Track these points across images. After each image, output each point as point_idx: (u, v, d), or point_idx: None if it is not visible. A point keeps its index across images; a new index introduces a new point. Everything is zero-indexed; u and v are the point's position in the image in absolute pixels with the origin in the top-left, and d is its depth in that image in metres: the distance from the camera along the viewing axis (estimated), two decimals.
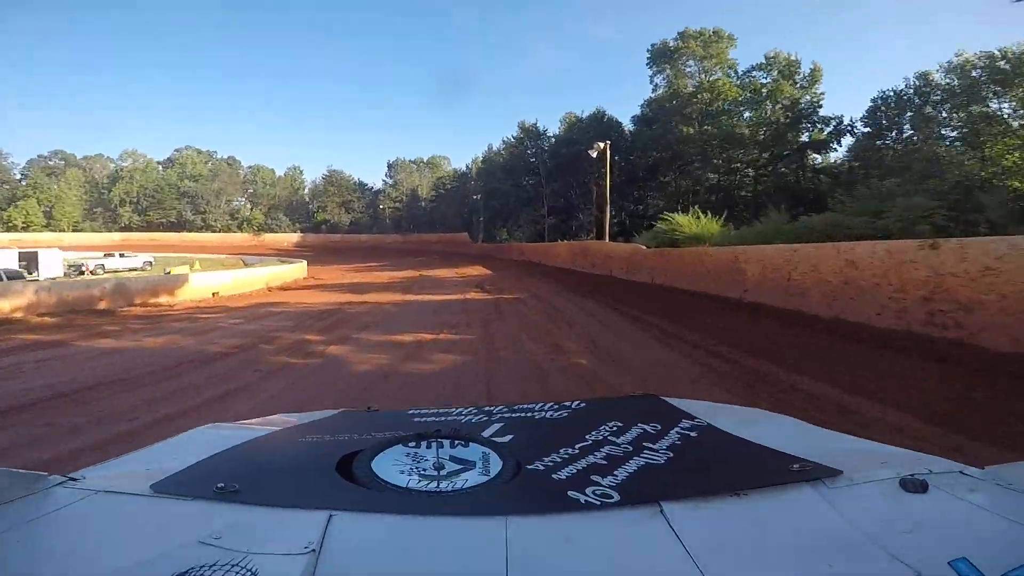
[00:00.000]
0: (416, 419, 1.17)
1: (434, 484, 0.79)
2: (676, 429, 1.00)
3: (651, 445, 0.91)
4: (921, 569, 0.53)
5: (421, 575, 0.57)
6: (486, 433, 1.01)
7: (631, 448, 0.90)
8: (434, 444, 0.94)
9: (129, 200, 64.78)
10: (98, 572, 0.56)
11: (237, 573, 0.53)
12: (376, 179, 78.37)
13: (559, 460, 0.85)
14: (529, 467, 0.83)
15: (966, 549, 0.55)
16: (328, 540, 0.60)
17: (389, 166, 67.78)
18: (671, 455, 0.88)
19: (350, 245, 58.93)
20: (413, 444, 0.94)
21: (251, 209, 68.54)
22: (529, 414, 1.17)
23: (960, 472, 0.75)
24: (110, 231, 62.72)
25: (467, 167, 62.68)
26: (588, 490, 0.73)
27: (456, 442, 0.95)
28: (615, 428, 1.00)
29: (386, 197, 66.73)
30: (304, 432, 1.12)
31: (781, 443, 0.91)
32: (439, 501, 0.74)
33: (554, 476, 0.79)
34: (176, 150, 70.48)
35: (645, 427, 1.00)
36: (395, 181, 66.85)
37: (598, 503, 0.70)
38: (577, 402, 1.26)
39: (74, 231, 61.94)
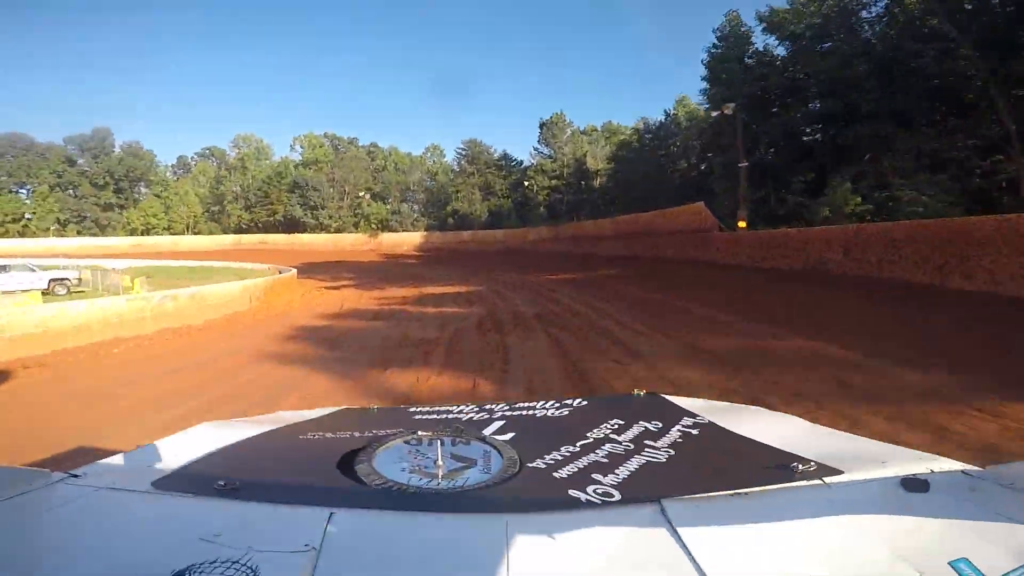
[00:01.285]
0: (417, 417, 1.19)
1: (435, 482, 0.79)
2: (677, 427, 0.99)
3: (652, 443, 0.91)
4: (922, 569, 0.53)
5: (422, 573, 0.57)
6: (487, 431, 1.01)
7: (632, 446, 0.90)
8: (435, 442, 0.92)
9: (241, 195, 54.86)
10: (99, 568, 0.56)
11: (237, 570, 0.53)
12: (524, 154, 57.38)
13: (560, 458, 0.84)
14: (530, 465, 0.83)
15: (967, 549, 0.55)
16: (328, 537, 0.60)
17: (542, 127, 45.36)
18: (672, 453, 0.87)
19: (480, 247, 39.17)
20: (414, 442, 0.94)
21: (372, 203, 53.49)
22: (530, 412, 1.17)
23: (961, 472, 0.74)
24: (225, 232, 53.71)
25: (668, 112, 36.98)
26: (589, 489, 0.73)
27: (457, 440, 0.95)
28: (616, 426, 0.99)
29: (537, 172, 44.41)
30: (305, 430, 1.11)
31: (782, 442, 0.90)
32: (440, 499, 0.74)
33: (555, 474, 0.79)
34: (294, 137, 59.09)
35: (646, 425, 0.99)
36: (551, 150, 44.50)
37: (599, 501, 0.70)
38: (578, 400, 1.27)
39: (194, 234, 54.32)
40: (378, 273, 23.42)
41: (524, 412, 1.17)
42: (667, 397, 1.30)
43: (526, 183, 45.22)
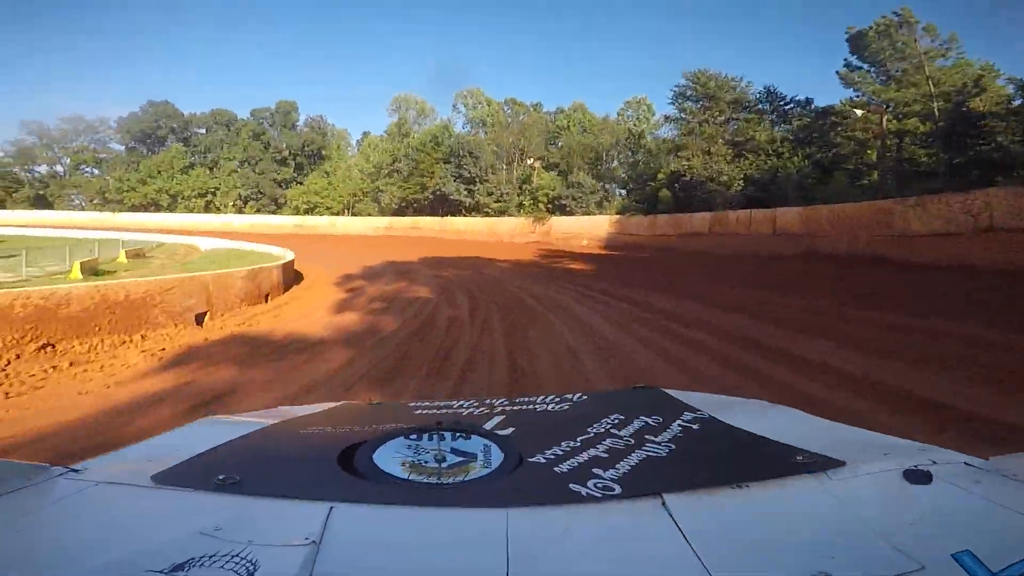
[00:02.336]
0: (417, 412, 1.18)
1: (435, 476, 0.79)
2: (678, 421, 1.00)
3: (653, 438, 0.91)
4: (924, 561, 0.52)
5: (422, 566, 0.58)
6: (487, 426, 1.00)
7: (633, 441, 0.90)
8: (435, 436, 0.93)
9: (395, 168, 45.17)
10: (98, 563, 0.55)
11: (237, 564, 0.53)
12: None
13: (560, 453, 0.85)
14: (530, 460, 0.83)
15: (970, 541, 0.54)
16: (329, 532, 0.60)
17: (859, 39, 22.83)
18: (673, 447, 0.88)
19: (739, 246, 19.61)
20: (414, 436, 0.93)
21: (543, 174, 37.91)
22: (530, 407, 1.18)
23: (964, 463, 0.74)
24: (383, 213, 45.03)
25: None
26: (590, 483, 0.73)
27: (457, 434, 0.94)
28: (616, 421, 0.99)
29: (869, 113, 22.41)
30: (305, 424, 1.12)
31: (784, 435, 0.91)
32: (440, 493, 0.74)
33: (555, 469, 0.79)
34: (456, 94, 47.12)
35: (647, 419, 1.00)
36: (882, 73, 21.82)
37: (600, 495, 0.70)
38: (579, 395, 1.26)
39: (352, 215, 47.27)
40: (492, 305, 10.01)
41: (524, 407, 1.18)
42: (668, 391, 1.29)
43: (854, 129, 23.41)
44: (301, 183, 49.16)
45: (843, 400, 4.35)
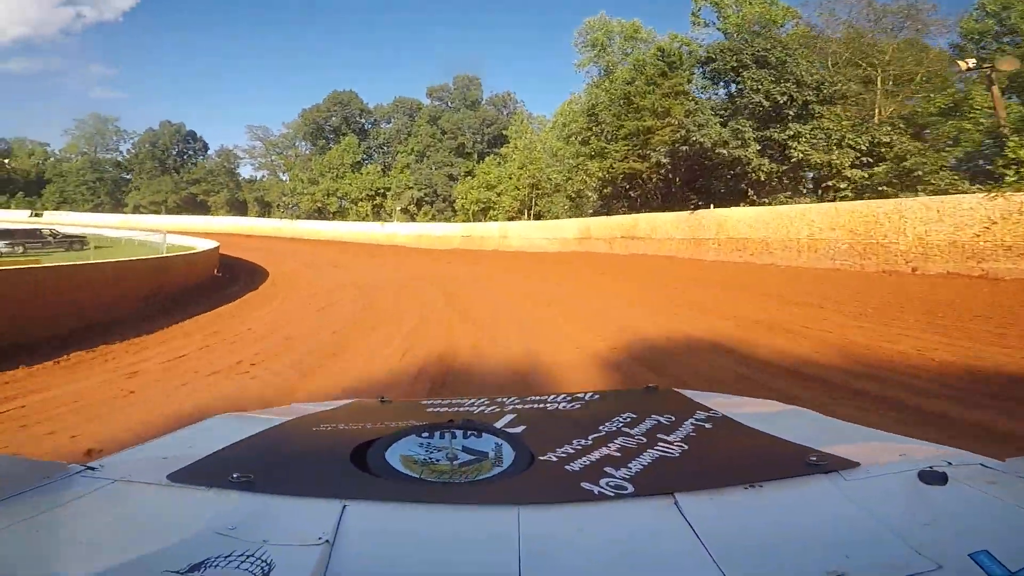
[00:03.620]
0: (429, 410, 1.19)
1: (447, 475, 0.80)
2: (691, 420, 0.99)
3: (665, 437, 0.91)
4: (941, 561, 0.52)
5: (434, 565, 0.58)
6: (499, 424, 1.01)
7: (645, 440, 0.89)
8: (447, 435, 0.92)
9: (593, 133, 27.94)
10: (116, 562, 0.56)
11: (252, 563, 0.53)
12: None
13: (572, 451, 0.84)
14: (542, 458, 0.83)
15: (987, 541, 0.54)
16: (342, 530, 0.61)
17: None
18: (685, 447, 0.87)
19: None
20: (427, 435, 0.93)
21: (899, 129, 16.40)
22: (542, 405, 1.18)
23: (980, 464, 0.74)
24: (580, 210, 29.29)
25: None
26: (602, 481, 0.73)
27: (469, 433, 0.94)
28: (629, 420, 0.99)
29: None
30: (318, 422, 1.12)
31: (797, 435, 0.90)
32: (452, 491, 0.74)
33: (567, 467, 0.79)
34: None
35: (659, 419, 0.99)
36: None
37: (611, 494, 0.69)
38: (591, 394, 1.27)
39: (533, 217, 33.02)
40: None
41: (536, 405, 1.17)
42: (680, 391, 1.29)
43: None
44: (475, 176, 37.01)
45: None
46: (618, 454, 0.82)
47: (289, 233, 41.78)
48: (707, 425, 0.97)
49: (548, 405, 1.16)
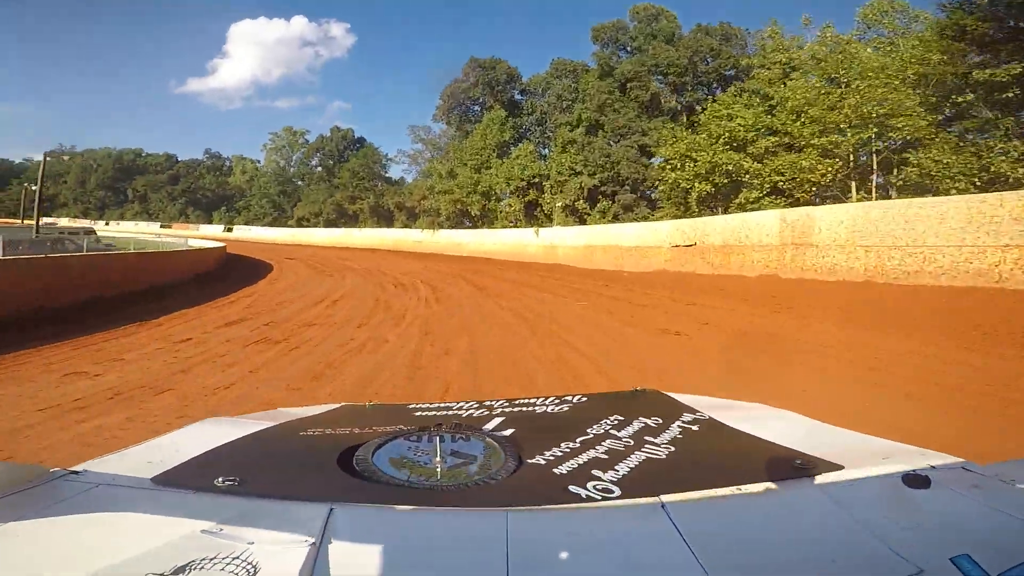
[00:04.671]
0: (417, 413, 1.19)
1: (435, 478, 0.79)
2: (677, 423, 1.00)
3: (652, 439, 0.91)
4: (923, 565, 0.53)
5: (422, 568, 0.58)
6: (487, 427, 1.00)
7: (632, 442, 0.90)
8: (435, 438, 0.93)
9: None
10: (100, 566, 0.56)
11: (238, 566, 0.54)
12: None
13: (560, 454, 0.85)
14: (530, 461, 0.83)
15: (968, 545, 0.54)
16: (329, 533, 0.61)
17: None
18: (672, 449, 0.88)
19: None
20: (414, 438, 0.94)
21: None
22: (530, 408, 1.18)
23: (963, 468, 0.74)
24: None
25: None
26: (589, 484, 0.73)
27: (457, 436, 0.95)
28: (616, 422, 0.99)
29: None
30: (305, 426, 1.11)
31: (783, 438, 0.91)
32: (440, 494, 0.74)
33: (555, 470, 0.79)
34: None
35: (646, 421, 1.00)
36: None
37: (599, 497, 0.70)
38: (578, 396, 1.26)
39: (751, 206, 16.66)
40: None
41: (524, 408, 1.18)
42: (667, 393, 1.29)
43: None
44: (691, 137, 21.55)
45: None
46: (605, 457, 0.83)
47: (430, 247, 32.80)
48: (694, 428, 0.97)
49: (536, 408, 1.17)
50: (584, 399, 1.23)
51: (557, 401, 1.21)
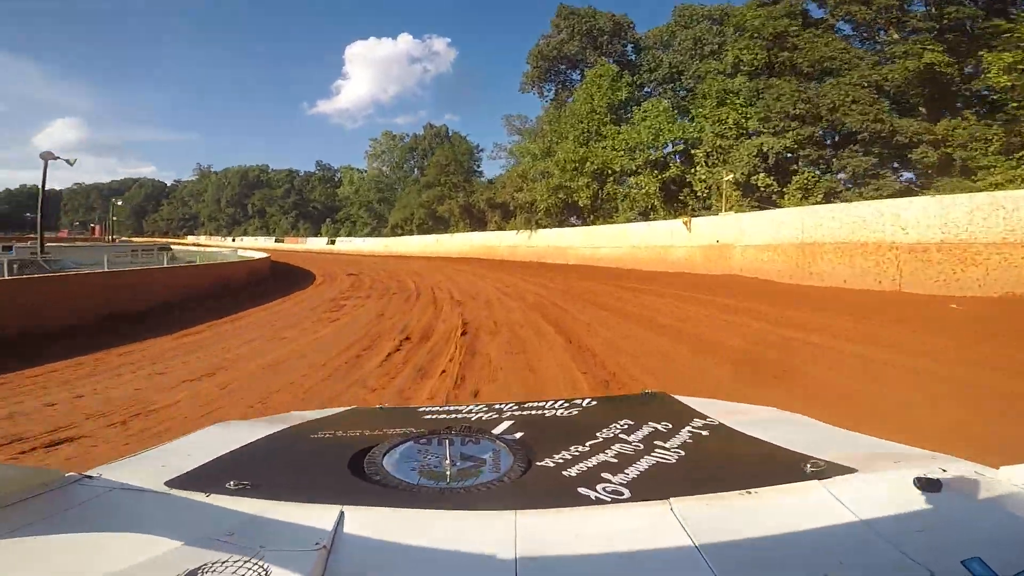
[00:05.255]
0: (427, 416, 1.18)
1: (444, 481, 0.80)
2: (688, 428, 0.99)
3: (662, 443, 0.91)
4: (934, 568, 0.53)
5: (432, 569, 0.59)
6: (496, 430, 1.00)
7: (642, 446, 0.90)
8: (445, 441, 0.93)
9: None
10: (113, 569, 0.57)
11: (250, 569, 0.54)
12: None
13: (569, 457, 0.85)
14: (539, 464, 0.83)
15: (979, 548, 0.54)
16: (340, 535, 0.62)
17: None
18: (682, 453, 0.88)
19: None
20: (424, 441, 0.94)
21: None
22: (539, 412, 1.17)
23: (975, 472, 0.74)
24: None
25: None
26: (598, 487, 0.73)
27: (467, 439, 0.95)
28: (626, 426, 0.99)
29: None
30: (316, 429, 1.11)
31: (794, 442, 0.90)
32: (450, 497, 0.74)
33: (564, 473, 0.79)
34: None
35: (656, 425, 0.99)
36: None
37: (608, 499, 0.70)
38: (588, 400, 1.26)
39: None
40: None
41: (533, 412, 1.17)
42: (678, 397, 1.28)
43: None
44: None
45: None
46: (615, 460, 0.83)
47: (525, 252, 24.82)
48: (704, 432, 0.97)
49: (546, 412, 1.16)
50: (594, 403, 1.22)
51: (567, 405, 1.19)
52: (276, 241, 55.26)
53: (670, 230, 16.82)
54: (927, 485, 0.68)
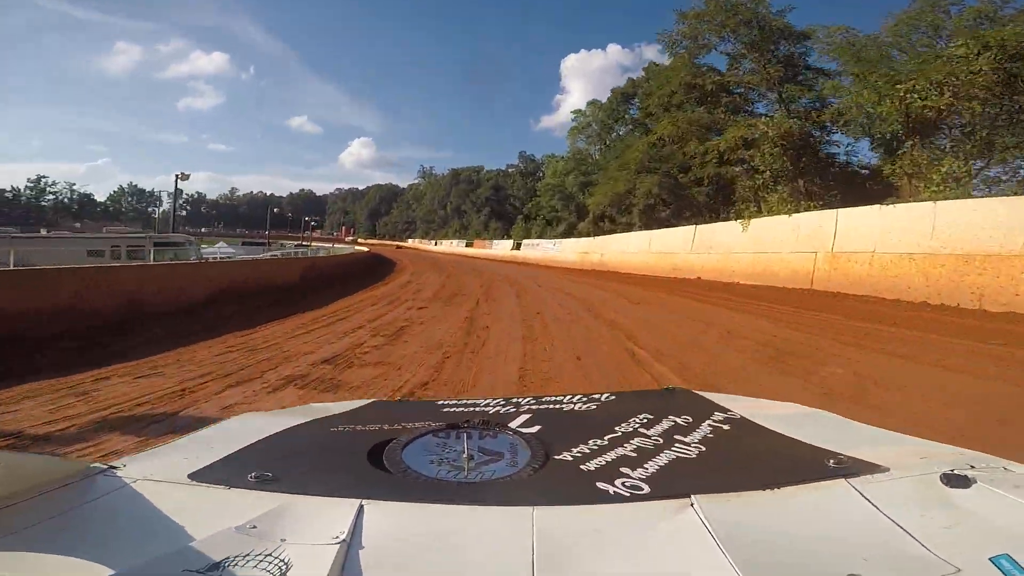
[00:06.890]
0: (445, 410, 1.19)
1: (463, 474, 0.80)
2: (708, 422, 0.98)
3: (682, 438, 0.90)
4: (961, 564, 0.52)
5: (450, 563, 0.59)
6: (514, 424, 1.01)
7: (662, 441, 0.89)
8: (463, 434, 0.94)
9: None
10: (137, 561, 0.57)
11: (271, 563, 0.55)
12: None
13: (587, 451, 0.85)
14: (557, 457, 0.83)
15: (1008, 545, 0.54)
16: (359, 528, 0.62)
17: None
18: (703, 449, 0.87)
19: None
20: (443, 434, 0.95)
21: None
22: (557, 406, 1.17)
23: (1004, 468, 0.73)
24: None
25: None
26: (617, 482, 0.73)
27: (485, 433, 0.96)
28: (645, 420, 0.98)
29: None
30: (336, 422, 1.13)
31: (817, 438, 0.89)
32: (468, 490, 0.75)
33: (582, 467, 0.79)
34: None
35: (676, 420, 0.99)
36: None
37: (627, 494, 0.70)
38: (607, 395, 1.26)
39: None
40: None
41: (551, 406, 1.16)
42: (698, 392, 1.27)
43: None
44: None
45: None
46: (634, 454, 0.82)
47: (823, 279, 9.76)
48: (725, 427, 0.96)
49: (564, 406, 1.16)
50: (612, 397, 1.21)
51: (585, 399, 1.19)
52: (467, 245, 48.60)
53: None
54: (955, 481, 0.67)
